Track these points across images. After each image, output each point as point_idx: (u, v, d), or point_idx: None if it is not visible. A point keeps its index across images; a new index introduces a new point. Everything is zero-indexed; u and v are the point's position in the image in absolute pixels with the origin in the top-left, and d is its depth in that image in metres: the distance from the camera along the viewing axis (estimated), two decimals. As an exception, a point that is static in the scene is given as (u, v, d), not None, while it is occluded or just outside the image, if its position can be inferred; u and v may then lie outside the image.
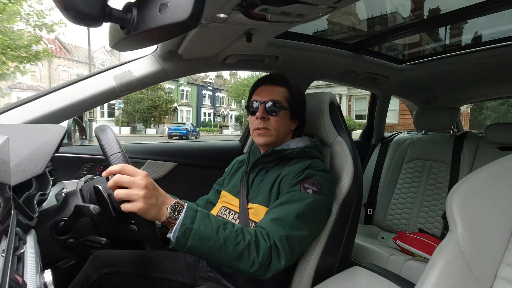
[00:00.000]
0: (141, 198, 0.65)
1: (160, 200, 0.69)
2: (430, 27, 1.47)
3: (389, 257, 1.47)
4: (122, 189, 0.65)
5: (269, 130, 0.98)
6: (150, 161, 1.51)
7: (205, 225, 0.71)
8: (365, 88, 2.17)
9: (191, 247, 0.70)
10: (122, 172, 0.66)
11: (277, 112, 0.98)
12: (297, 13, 0.90)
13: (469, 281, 0.60)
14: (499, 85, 2.18)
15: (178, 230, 0.69)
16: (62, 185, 1.15)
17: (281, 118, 0.98)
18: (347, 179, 0.98)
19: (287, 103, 1.00)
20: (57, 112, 1.07)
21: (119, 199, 0.66)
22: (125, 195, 0.65)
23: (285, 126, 1.01)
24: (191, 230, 0.69)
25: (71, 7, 0.44)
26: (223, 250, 0.71)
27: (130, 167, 0.68)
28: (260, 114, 0.97)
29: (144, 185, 0.66)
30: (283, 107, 0.98)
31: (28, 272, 0.47)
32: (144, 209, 0.65)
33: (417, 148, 2.06)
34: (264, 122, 0.98)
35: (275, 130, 0.98)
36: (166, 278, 1.03)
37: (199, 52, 1.23)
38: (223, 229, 0.73)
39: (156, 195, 0.69)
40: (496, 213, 0.63)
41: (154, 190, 0.69)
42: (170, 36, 0.53)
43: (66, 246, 0.81)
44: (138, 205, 0.65)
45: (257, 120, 0.98)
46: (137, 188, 0.65)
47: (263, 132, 0.98)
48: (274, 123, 0.98)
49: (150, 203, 0.66)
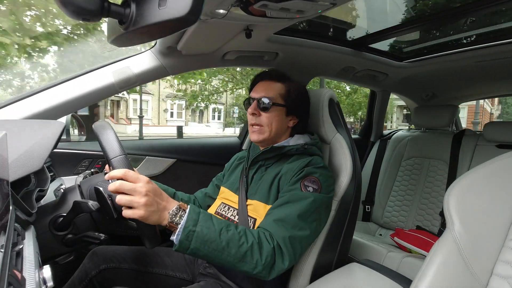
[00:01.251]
0: (142, 205, 0.66)
1: (161, 206, 0.69)
2: (430, 24, 1.46)
3: (386, 253, 1.48)
4: (123, 196, 0.66)
5: (262, 127, 0.98)
6: (148, 157, 1.51)
7: (208, 228, 0.71)
8: (365, 85, 2.17)
9: (194, 250, 0.70)
10: (124, 178, 0.67)
11: (268, 108, 0.97)
12: (297, 9, 0.89)
13: (466, 277, 0.61)
14: (499, 83, 2.18)
15: (181, 233, 0.69)
16: (60, 181, 1.15)
17: (273, 114, 0.98)
18: (345, 176, 0.98)
19: (282, 100, 0.99)
20: (55, 108, 1.07)
21: (120, 205, 0.67)
22: (127, 202, 0.66)
23: (279, 123, 1.00)
24: (194, 232, 0.70)
25: (70, 2, 0.44)
26: (226, 252, 0.72)
27: (132, 173, 0.68)
28: (251, 110, 0.99)
29: (145, 192, 0.66)
30: (274, 104, 0.98)
31: (27, 268, 0.47)
32: (144, 217, 0.66)
33: (416, 146, 2.07)
34: (256, 118, 0.99)
35: (267, 126, 0.98)
36: (165, 274, 1.04)
37: (198, 48, 1.22)
38: (225, 231, 0.73)
39: (158, 201, 0.69)
40: (493, 211, 0.63)
41: (156, 196, 0.69)
42: (169, 31, 0.53)
43: (65, 242, 0.81)
44: (139, 213, 0.66)
45: (250, 116, 1.00)
46: (138, 196, 0.66)
47: (257, 129, 0.99)
48: (266, 119, 0.98)
49: (151, 210, 0.67)
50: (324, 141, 1.11)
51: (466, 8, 1.21)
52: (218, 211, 1.04)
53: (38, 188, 0.82)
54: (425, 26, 1.47)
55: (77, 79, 1.13)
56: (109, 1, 0.48)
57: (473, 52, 1.55)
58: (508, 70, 1.74)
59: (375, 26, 1.54)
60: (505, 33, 1.46)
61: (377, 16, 1.58)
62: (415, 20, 1.45)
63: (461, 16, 1.32)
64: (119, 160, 0.71)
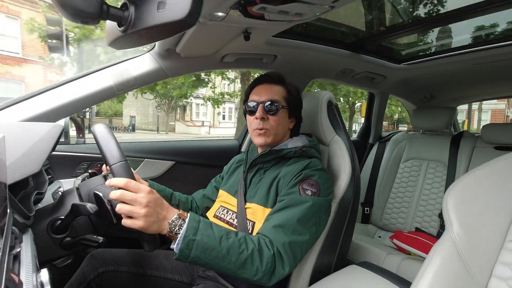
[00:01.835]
0: (142, 217, 0.66)
1: (161, 216, 0.69)
2: (428, 27, 1.47)
3: (386, 256, 1.47)
4: (124, 205, 0.66)
5: (268, 130, 0.97)
6: (147, 160, 1.51)
7: (208, 236, 0.71)
8: (363, 87, 2.17)
9: (194, 258, 0.70)
10: (125, 188, 0.67)
11: (275, 111, 0.97)
12: (295, 12, 0.89)
13: (465, 279, 0.61)
14: (496, 85, 2.19)
15: (181, 242, 0.69)
16: (59, 183, 1.14)
17: (280, 117, 0.98)
18: (344, 178, 0.98)
19: (286, 102, 1.00)
20: (54, 110, 1.07)
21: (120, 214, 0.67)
22: (127, 212, 0.66)
23: (284, 126, 1.00)
24: (194, 241, 0.70)
25: (68, 5, 0.44)
26: (227, 260, 0.72)
27: (133, 183, 0.68)
28: (260, 115, 0.96)
29: (146, 203, 0.66)
30: (282, 106, 0.98)
31: (24, 271, 0.47)
32: (144, 227, 0.66)
33: (414, 148, 2.07)
34: (264, 122, 0.96)
35: (274, 129, 0.98)
36: (163, 276, 1.03)
37: (197, 50, 1.22)
38: (226, 239, 0.73)
39: (158, 211, 0.69)
40: (492, 213, 0.64)
41: (156, 206, 0.69)
42: (168, 34, 0.53)
43: (63, 245, 0.81)
44: (138, 223, 0.66)
45: (256, 120, 0.97)
46: (139, 206, 0.66)
47: (263, 133, 0.97)
48: (274, 123, 0.97)
49: (151, 220, 0.67)
50: (322, 143, 1.12)
51: (464, 10, 1.22)
52: (217, 215, 1.04)
53: (36, 191, 0.82)
54: (423, 28, 1.48)
55: (75, 81, 1.13)
56: (108, 3, 0.48)
57: (470, 54, 1.56)
58: (505, 72, 1.75)
59: (373, 29, 1.55)
60: (501, 36, 1.47)
61: (375, 18, 1.58)
62: (413, 22, 1.46)
63: (458, 18, 1.33)
64: (119, 167, 0.70)
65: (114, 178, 0.68)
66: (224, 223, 0.99)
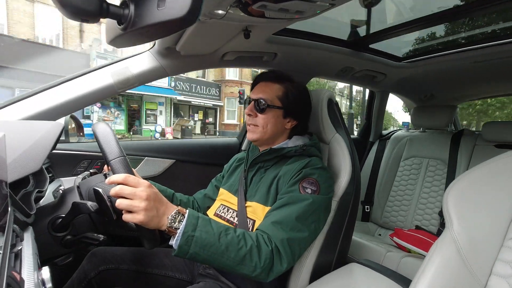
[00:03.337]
0: (142, 210, 0.66)
1: (161, 211, 0.69)
2: (429, 24, 1.47)
3: (386, 253, 1.48)
4: (123, 200, 0.66)
5: (257, 127, 0.99)
6: (147, 158, 1.51)
7: (207, 232, 0.72)
8: (363, 86, 2.17)
9: (193, 254, 0.70)
10: (125, 183, 0.67)
11: (263, 110, 0.98)
12: (296, 9, 0.89)
13: (465, 277, 0.61)
14: (497, 83, 2.19)
15: (180, 238, 0.69)
16: (59, 182, 1.15)
17: (269, 116, 0.98)
18: (345, 177, 0.98)
19: (279, 101, 0.98)
20: (54, 109, 1.07)
21: (120, 209, 0.67)
22: (127, 207, 0.66)
23: (275, 124, 0.99)
24: (193, 237, 0.70)
25: (68, 3, 0.44)
26: (225, 256, 0.72)
27: (132, 177, 0.68)
28: (247, 111, 1.01)
29: (145, 197, 0.66)
30: (269, 106, 0.97)
31: (25, 269, 0.47)
32: (144, 221, 0.66)
33: (415, 146, 2.07)
34: (252, 119, 1.00)
35: (262, 127, 0.98)
36: (164, 274, 1.04)
37: (197, 48, 1.22)
38: (224, 235, 0.73)
39: (157, 206, 0.69)
40: (492, 210, 0.64)
41: (156, 201, 0.69)
42: (168, 32, 0.53)
43: (64, 243, 0.81)
44: (138, 217, 0.66)
45: (247, 116, 1.02)
46: (138, 200, 0.66)
47: (251, 128, 1.01)
48: (261, 120, 0.98)
49: (151, 215, 0.67)
50: (323, 141, 1.12)
51: (464, 8, 1.22)
52: (218, 213, 1.04)
53: (37, 189, 0.82)
54: (423, 26, 1.47)
55: (76, 80, 1.13)
56: (107, 2, 0.48)
57: (471, 52, 1.56)
58: (506, 70, 1.75)
59: (373, 27, 1.54)
60: (502, 34, 1.46)
61: (376, 16, 1.58)
62: (413, 20, 1.45)
63: (459, 16, 1.32)
64: (118, 162, 0.70)
65: (113, 175, 0.69)
66: (224, 221, 0.99)
